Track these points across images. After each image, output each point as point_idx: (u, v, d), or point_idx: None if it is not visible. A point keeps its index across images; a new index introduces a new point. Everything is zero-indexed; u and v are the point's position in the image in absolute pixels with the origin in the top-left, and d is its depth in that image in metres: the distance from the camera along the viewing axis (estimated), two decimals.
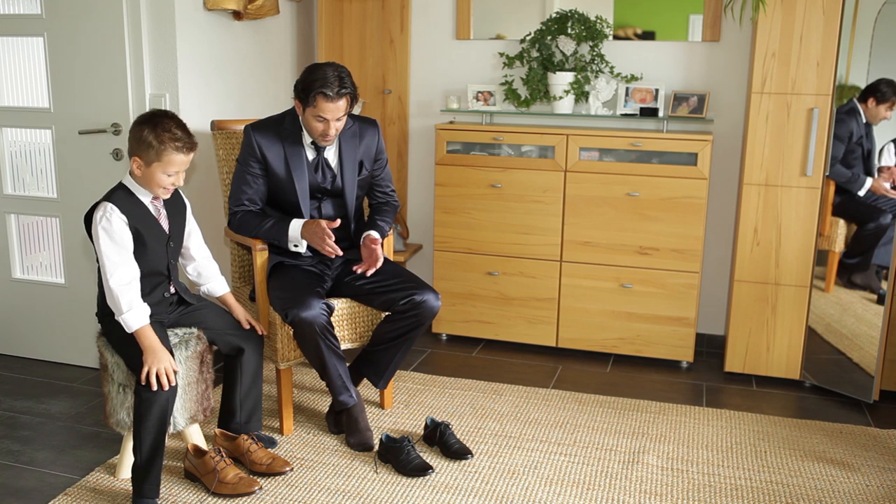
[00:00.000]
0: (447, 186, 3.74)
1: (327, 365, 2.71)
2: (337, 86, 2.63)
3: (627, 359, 3.74)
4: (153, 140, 2.30)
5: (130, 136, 2.35)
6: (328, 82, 2.62)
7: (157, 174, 2.34)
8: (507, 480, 2.60)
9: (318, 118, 2.68)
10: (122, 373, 2.42)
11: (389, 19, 4.04)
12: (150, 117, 2.35)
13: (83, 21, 3.14)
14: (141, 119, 2.36)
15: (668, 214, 3.47)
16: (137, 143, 2.33)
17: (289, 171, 2.79)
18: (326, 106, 2.64)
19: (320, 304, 2.63)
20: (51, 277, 3.52)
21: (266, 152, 2.79)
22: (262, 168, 2.81)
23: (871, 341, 3.20)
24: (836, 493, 2.56)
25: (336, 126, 2.71)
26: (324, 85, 2.61)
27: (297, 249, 2.79)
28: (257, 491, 2.47)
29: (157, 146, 2.30)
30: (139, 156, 2.33)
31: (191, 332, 2.55)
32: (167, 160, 2.32)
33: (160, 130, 2.31)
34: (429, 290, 2.79)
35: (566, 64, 3.74)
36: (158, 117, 2.34)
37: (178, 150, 2.33)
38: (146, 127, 2.32)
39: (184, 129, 2.36)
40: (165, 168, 2.33)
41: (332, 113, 2.66)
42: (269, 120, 2.87)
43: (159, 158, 2.31)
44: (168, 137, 2.31)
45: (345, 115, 2.71)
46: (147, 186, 2.38)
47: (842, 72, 3.15)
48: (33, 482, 2.56)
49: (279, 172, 2.80)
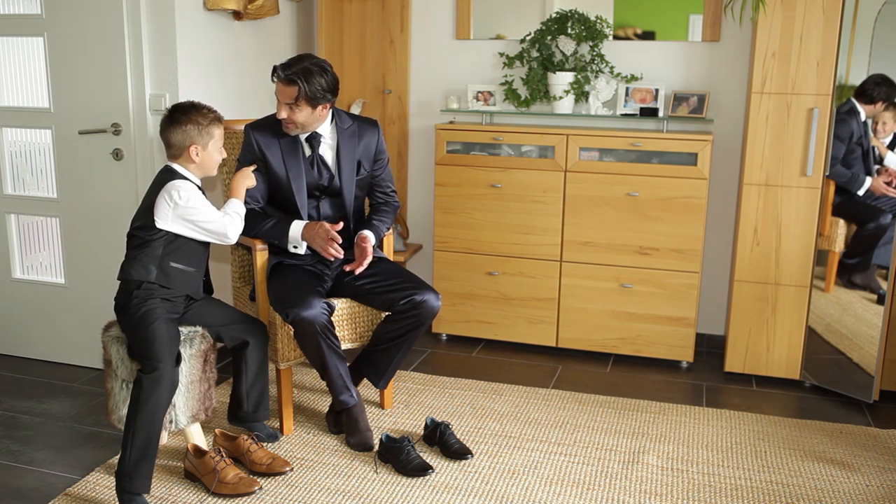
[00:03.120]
0: (447, 186, 3.74)
1: (328, 365, 2.71)
2: (283, 68, 2.67)
3: (627, 359, 3.74)
4: (201, 120, 2.49)
5: (174, 132, 2.48)
6: (282, 64, 2.69)
7: (213, 152, 2.54)
8: (507, 480, 2.60)
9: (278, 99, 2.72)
10: (125, 369, 2.42)
11: (389, 19, 4.04)
12: (180, 110, 2.51)
13: (83, 21, 3.14)
14: (173, 115, 2.51)
15: (668, 214, 3.47)
16: (186, 133, 2.48)
17: (286, 168, 2.80)
18: (277, 86, 2.70)
19: (321, 303, 2.63)
20: (51, 277, 3.52)
21: (265, 150, 2.81)
22: (262, 166, 2.82)
23: (871, 341, 3.20)
24: (836, 493, 2.56)
25: (293, 116, 2.71)
26: (279, 66, 2.69)
27: (297, 251, 2.79)
28: (257, 491, 2.47)
29: (206, 126, 2.50)
30: (195, 143, 2.49)
31: (195, 331, 2.56)
32: (218, 134, 2.54)
33: (199, 114, 2.50)
34: (429, 290, 2.79)
35: (566, 64, 3.74)
36: (187, 107, 2.52)
37: (219, 123, 2.56)
38: (186, 117, 2.48)
39: (207, 107, 2.56)
40: (217, 143, 2.55)
41: (280, 94, 2.70)
42: (267, 118, 2.88)
43: (212, 135, 2.52)
44: (209, 116, 2.52)
45: (298, 105, 2.69)
46: (207, 169, 2.55)
47: (842, 72, 3.15)
48: (33, 482, 2.56)
49: (277, 170, 2.81)
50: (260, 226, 2.79)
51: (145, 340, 2.37)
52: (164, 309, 2.43)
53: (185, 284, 2.53)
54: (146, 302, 2.42)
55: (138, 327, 2.39)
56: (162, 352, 2.34)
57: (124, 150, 3.20)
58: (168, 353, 2.35)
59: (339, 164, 2.85)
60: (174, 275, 2.49)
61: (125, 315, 2.44)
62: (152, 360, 2.33)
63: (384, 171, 3.00)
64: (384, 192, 3.02)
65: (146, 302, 2.42)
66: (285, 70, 2.67)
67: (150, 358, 2.34)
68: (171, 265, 2.48)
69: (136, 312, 2.40)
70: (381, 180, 3.00)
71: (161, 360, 2.33)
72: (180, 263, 2.50)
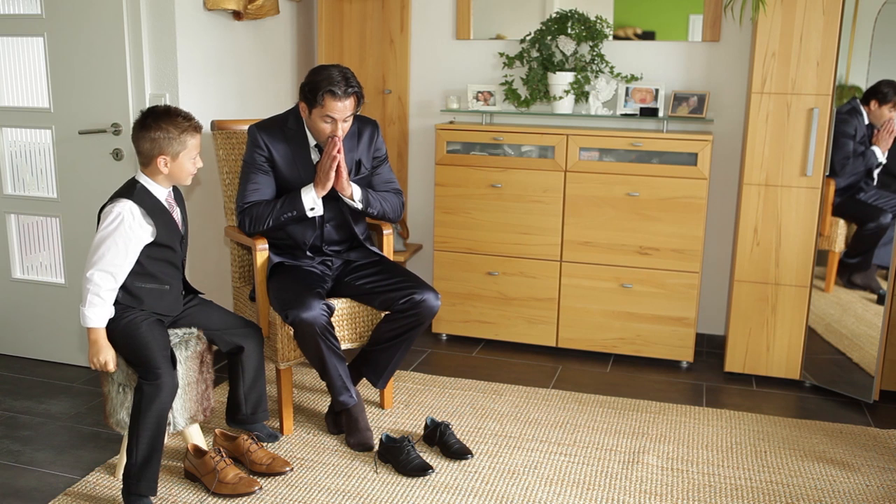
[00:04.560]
0: (447, 186, 3.74)
1: (327, 365, 2.71)
2: (344, 84, 2.64)
3: (627, 359, 3.74)
4: (173, 130, 2.36)
5: (143, 139, 2.38)
6: (335, 81, 2.63)
7: (185, 163, 2.41)
8: (507, 480, 2.60)
9: (326, 119, 2.67)
10: (121, 373, 2.42)
11: (389, 19, 4.04)
12: (153, 115, 2.39)
13: (83, 21, 3.14)
14: (144, 120, 2.38)
15: (668, 214, 3.47)
16: (155, 142, 2.36)
17: (294, 171, 2.80)
18: (335, 105, 2.64)
19: (321, 304, 2.63)
20: (51, 277, 3.52)
21: (273, 151, 2.80)
22: (269, 166, 2.81)
23: (871, 341, 3.20)
24: (836, 493, 2.56)
25: (343, 127, 2.70)
26: (331, 84, 2.62)
27: (314, 213, 2.76)
28: (257, 491, 2.47)
29: (177, 136, 2.37)
30: (164, 153, 2.37)
31: (191, 333, 2.55)
32: (191, 145, 2.40)
33: (171, 122, 2.37)
34: (428, 289, 2.78)
35: (566, 64, 3.74)
36: (160, 113, 2.39)
37: (196, 132, 2.42)
38: (161, 123, 2.37)
39: (184, 113, 2.43)
40: (190, 153, 2.41)
41: (340, 112, 2.65)
42: (272, 120, 2.87)
43: (184, 146, 2.39)
44: (183, 124, 2.39)
45: (351, 116, 2.71)
46: (178, 178, 2.44)
47: (842, 72, 3.15)
48: (33, 482, 2.56)
49: (284, 172, 2.81)
50: (272, 208, 2.76)
51: (137, 349, 2.34)
52: (146, 314, 2.42)
53: (158, 302, 2.46)
54: (125, 314, 2.39)
55: (126, 338, 2.37)
56: (157, 358, 2.32)
57: (124, 150, 3.20)
58: (162, 357, 2.34)
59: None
60: (143, 295, 2.43)
61: (110, 332, 2.40)
62: (151, 368, 2.31)
63: (383, 165, 2.98)
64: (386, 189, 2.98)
65: (125, 314, 2.39)
66: (348, 86, 2.64)
67: (147, 366, 2.32)
68: (137, 286, 2.42)
69: (118, 325, 2.37)
70: (381, 176, 2.98)
71: (159, 366, 2.31)
72: (150, 283, 2.44)
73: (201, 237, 3.40)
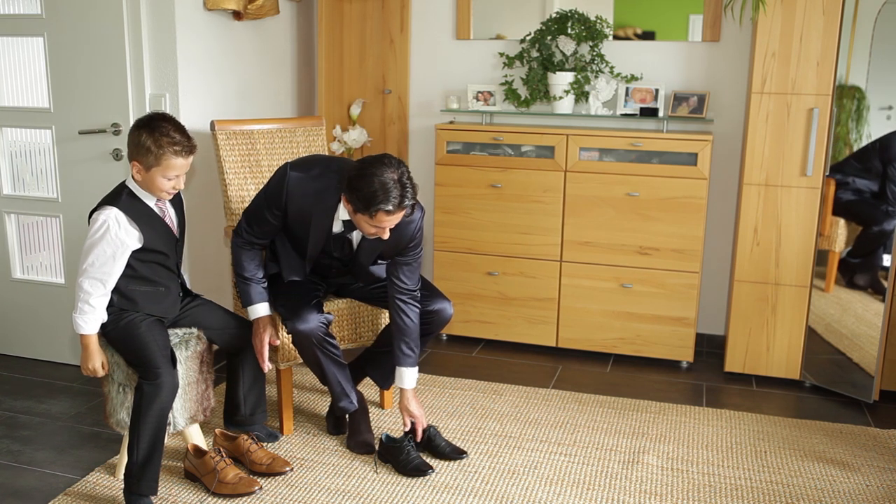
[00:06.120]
0: (447, 186, 3.74)
1: (326, 374, 2.70)
2: (399, 197, 2.35)
3: (627, 359, 3.74)
4: (151, 145, 2.28)
5: (129, 140, 2.34)
6: (390, 196, 2.34)
7: (157, 178, 2.32)
8: (507, 480, 2.60)
9: (375, 226, 2.43)
10: (121, 372, 2.42)
11: (389, 19, 4.04)
12: (147, 121, 2.33)
13: (83, 21, 3.14)
14: (139, 123, 2.34)
15: (668, 214, 3.47)
16: (136, 147, 2.31)
17: (307, 232, 2.60)
18: (388, 219, 2.39)
19: (318, 317, 2.60)
20: (51, 277, 3.52)
21: (290, 206, 2.55)
22: (281, 216, 2.59)
23: (871, 341, 3.20)
24: (836, 493, 2.56)
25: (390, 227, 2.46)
26: (386, 200, 2.33)
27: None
28: (257, 491, 2.47)
29: (155, 151, 2.28)
30: (138, 160, 2.32)
31: (191, 332, 2.55)
32: (166, 164, 2.30)
33: (158, 135, 2.28)
34: (442, 298, 2.78)
35: (566, 64, 3.74)
36: (156, 121, 2.32)
37: (177, 154, 2.30)
38: (144, 131, 2.30)
39: (182, 132, 2.33)
40: (165, 172, 2.31)
41: (392, 222, 2.42)
42: (312, 174, 2.56)
43: (158, 163, 2.29)
44: (167, 142, 2.28)
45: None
46: (149, 190, 2.36)
47: (842, 72, 3.15)
48: (33, 482, 2.56)
49: (294, 228, 2.62)
50: (240, 271, 2.67)
51: (137, 349, 2.34)
52: (144, 314, 2.41)
53: (154, 304, 2.44)
54: (123, 315, 2.38)
55: (126, 338, 2.37)
56: (157, 358, 2.32)
57: (124, 150, 3.19)
58: (162, 357, 2.34)
59: (359, 248, 2.68)
60: (138, 297, 2.41)
61: (108, 334, 2.40)
62: (151, 368, 2.31)
63: (410, 255, 2.65)
64: (402, 283, 2.65)
65: (123, 315, 2.38)
66: (406, 199, 2.37)
67: (147, 366, 2.32)
68: (132, 289, 2.40)
69: (118, 326, 2.37)
70: (403, 264, 2.66)
71: (159, 365, 2.31)
72: (144, 286, 2.42)
73: (201, 237, 3.40)
